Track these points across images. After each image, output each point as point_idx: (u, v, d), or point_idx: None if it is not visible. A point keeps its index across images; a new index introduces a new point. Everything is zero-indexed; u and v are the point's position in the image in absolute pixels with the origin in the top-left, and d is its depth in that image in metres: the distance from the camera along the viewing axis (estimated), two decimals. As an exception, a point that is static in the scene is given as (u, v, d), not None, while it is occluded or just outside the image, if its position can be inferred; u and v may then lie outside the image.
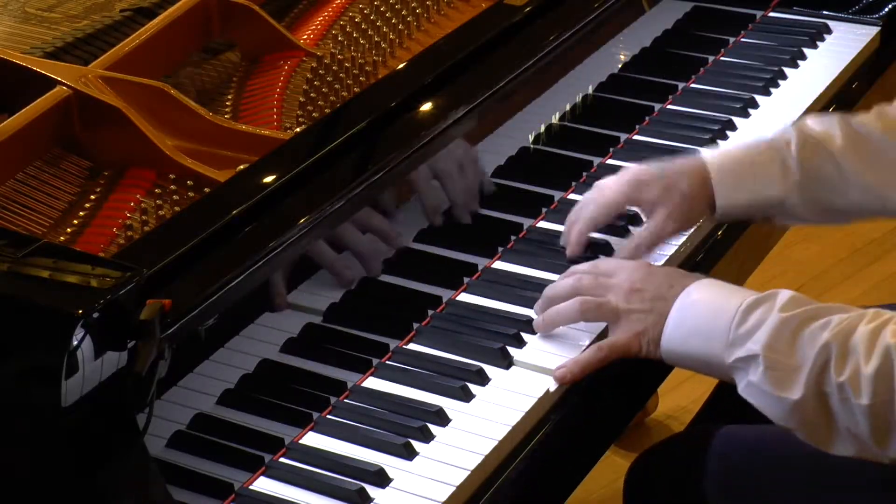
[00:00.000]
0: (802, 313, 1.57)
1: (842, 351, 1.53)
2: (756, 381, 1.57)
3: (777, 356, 1.56)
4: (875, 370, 1.50)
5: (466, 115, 1.90)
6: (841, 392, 1.52)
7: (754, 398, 1.59)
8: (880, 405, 1.51)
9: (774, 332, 1.56)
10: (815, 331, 1.55)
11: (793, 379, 1.55)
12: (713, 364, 1.62)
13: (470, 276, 1.85)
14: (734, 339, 1.59)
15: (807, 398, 1.54)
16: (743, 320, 1.59)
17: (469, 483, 1.54)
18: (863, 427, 1.52)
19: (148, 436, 1.45)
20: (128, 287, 1.41)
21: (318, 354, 1.70)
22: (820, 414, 1.55)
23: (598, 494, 2.72)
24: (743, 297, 1.61)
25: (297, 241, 1.66)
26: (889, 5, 2.43)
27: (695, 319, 1.63)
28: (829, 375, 1.53)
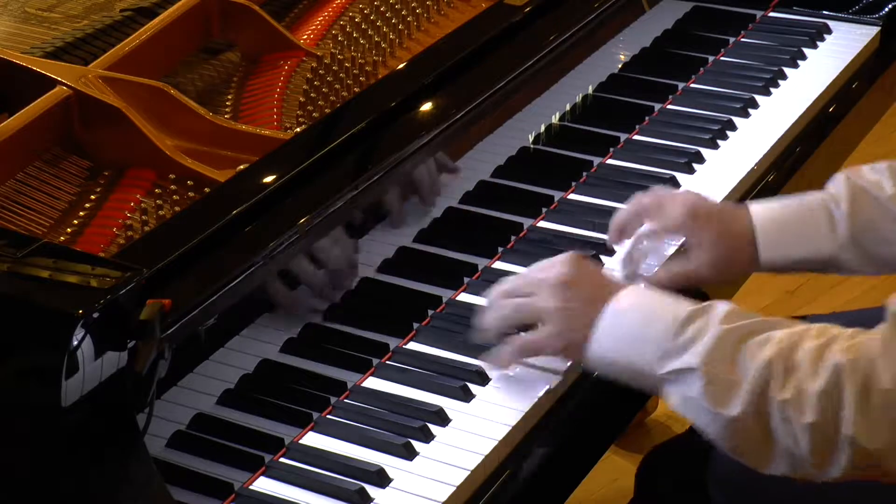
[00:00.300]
0: (743, 327, 1.52)
1: (785, 368, 1.48)
2: (694, 395, 1.51)
3: (716, 370, 1.50)
4: (821, 388, 1.46)
5: (466, 116, 1.90)
6: (782, 411, 1.47)
7: (690, 412, 1.54)
8: (824, 424, 1.46)
9: (714, 346, 1.51)
10: (756, 346, 1.50)
11: (732, 394, 1.49)
12: (643, 374, 1.56)
13: (470, 276, 1.85)
14: (669, 350, 1.54)
15: (745, 415, 1.49)
16: (680, 331, 1.54)
17: (469, 483, 1.54)
18: (803, 446, 1.48)
19: (148, 436, 1.45)
20: (128, 287, 1.41)
21: (318, 354, 1.70)
22: (757, 432, 1.49)
23: (598, 494, 2.71)
24: (678, 306, 1.56)
25: (297, 241, 1.66)
26: (889, 5, 2.43)
27: (627, 327, 1.58)
28: (771, 393, 1.48)
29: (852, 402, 1.45)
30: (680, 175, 2.05)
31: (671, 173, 2.05)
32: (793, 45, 2.38)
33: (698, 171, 2.08)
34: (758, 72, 2.31)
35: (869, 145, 2.58)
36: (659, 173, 2.05)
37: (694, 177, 2.07)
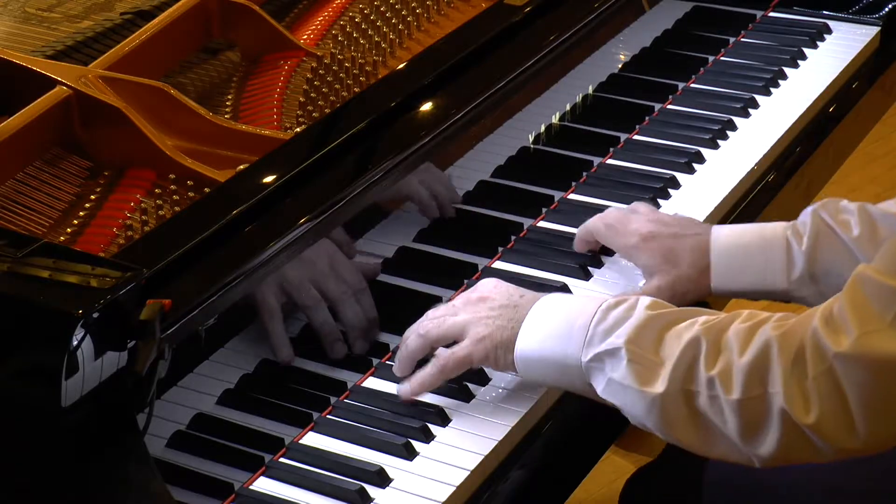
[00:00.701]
0: (669, 314, 1.52)
1: (713, 346, 1.46)
2: (617, 376, 1.50)
3: (641, 350, 1.49)
4: (749, 362, 1.44)
5: (466, 115, 1.90)
6: (710, 388, 1.45)
7: (614, 396, 1.52)
8: (751, 400, 1.44)
9: (639, 328, 1.50)
10: (682, 329, 1.49)
11: (656, 373, 1.48)
12: (569, 367, 1.55)
13: (470, 276, 1.85)
14: (592, 336, 1.53)
15: (669, 393, 1.47)
16: (603, 318, 1.53)
17: (469, 483, 1.54)
18: (731, 424, 1.45)
19: (148, 436, 1.45)
20: (128, 287, 1.41)
21: (318, 354, 1.70)
22: (685, 411, 1.47)
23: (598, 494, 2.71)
24: (599, 300, 1.56)
25: (296, 241, 1.66)
26: (889, 5, 2.43)
27: (551, 322, 1.57)
28: (699, 371, 1.46)
29: (783, 374, 1.42)
30: (680, 175, 2.05)
31: (671, 173, 2.05)
32: (793, 45, 2.38)
33: (698, 171, 2.08)
34: (758, 72, 2.31)
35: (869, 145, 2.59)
36: (659, 173, 2.05)
37: (694, 177, 2.06)
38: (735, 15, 2.49)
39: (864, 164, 3.85)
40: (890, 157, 4.01)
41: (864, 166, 3.84)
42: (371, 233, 1.84)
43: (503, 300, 1.62)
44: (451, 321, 1.63)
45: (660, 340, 1.49)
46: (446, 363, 1.62)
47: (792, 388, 1.42)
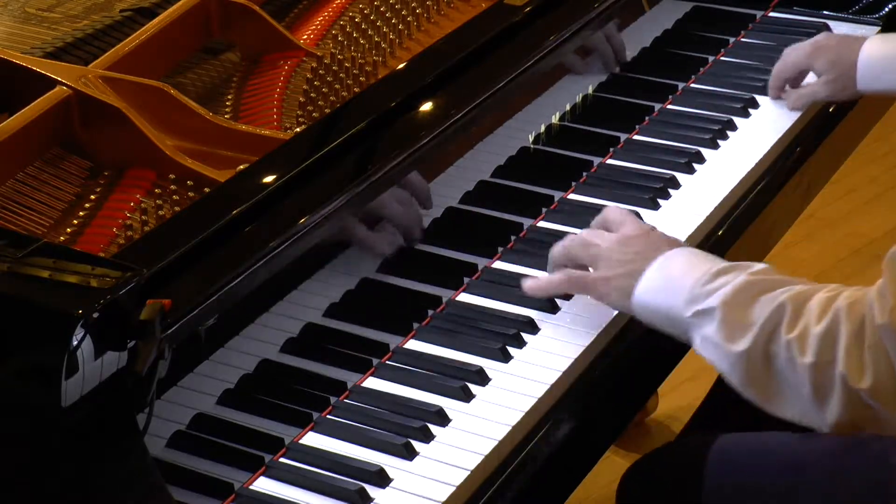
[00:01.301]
0: (767, 280, 1.62)
1: (796, 311, 1.57)
2: (710, 333, 1.62)
3: (733, 312, 1.60)
4: (823, 329, 1.54)
5: (466, 115, 1.90)
6: (788, 350, 1.56)
7: (707, 352, 1.64)
8: (823, 365, 1.54)
9: (735, 291, 1.61)
10: (774, 295, 1.60)
11: (743, 333, 1.59)
12: (675, 319, 1.66)
13: (470, 276, 1.85)
14: (697, 294, 1.64)
15: (753, 351, 1.58)
16: (710, 280, 1.64)
17: (469, 483, 1.54)
18: (805, 386, 1.56)
19: (148, 436, 1.45)
20: (128, 287, 1.41)
21: (318, 354, 1.70)
22: (764, 370, 1.59)
23: (598, 494, 2.71)
24: (716, 262, 1.68)
25: (296, 241, 1.66)
26: (889, 5, 2.43)
27: (667, 277, 1.69)
28: (780, 333, 1.57)
29: (846, 341, 1.53)
30: (680, 175, 2.05)
31: (671, 173, 2.05)
32: (793, 46, 2.38)
33: (698, 171, 2.08)
34: (758, 72, 2.31)
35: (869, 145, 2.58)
36: (659, 173, 2.05)
37: (694, 177, 2.06)
38: (735, 15, 2.49)
39: (864, 164, 3.84)
40: (890, 157, 4.01)
41: (864, 166, 3.83)
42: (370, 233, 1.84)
43: (640, 247, 1.74)
44: (593, 252, 1.76)
45: (752, 303, 1.60)
46: (570, 280, 1.77)
47: (851, 355, 1.53)
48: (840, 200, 3.78)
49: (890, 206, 3.80)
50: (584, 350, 1.73)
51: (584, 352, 1.73)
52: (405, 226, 1.87)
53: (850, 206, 3.80)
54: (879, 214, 3.76)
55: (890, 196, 3.85)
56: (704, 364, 1.67)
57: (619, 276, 1.73)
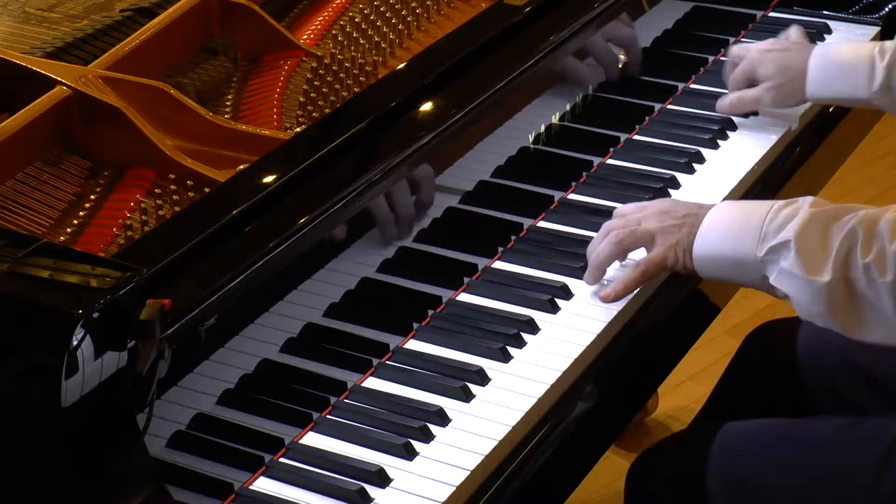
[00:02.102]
0: (830, 210, 1.67)
1: (868, 235, 1.62)
2: (787, 266, 1.65)
3: (808, 243, 1.64)
4: None
5: (466, 115, 1.90)
6: (867, 273, 1.60)
7: (786, 285, 1.66)
8: None
9: (806, 223, 1.65)
10: (843, 223, 1.64)
11: (822, 263, 1.63)
12: (746, 262, 1.69)
13: (470, 276, 1.85)
14: (766, 233, 1.68)
15: (835, 281, 1.62)
16: (774, 217, 1.68)
17: (469, 483, 1.54)
18: (888, 304, 1.60)
19: (148, 436, 1.45)
20: (128, 287, 1.41)
21: (318, 354, 1.70)
22: (847, 297, 1.62)
23: (598, 494, 2.72)
24: (769, 203, 1.71)
25: (296, 241, 1.66)
26: (889, 5, 2.43)
27: (727, 225, 1.73)
28: (856, 258, 1.61)
29: None
30: (680, 175, 2.05)
31: (671, 173, 2.05)
32: (793, 45, 2.38)
33: (698, 171, 2.08)
34: (758, 72, 2.31)
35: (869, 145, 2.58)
36: (659, 173, 2.05)
37: (694, 177, 2.07)
38: (735, 15, 2.49)
39: (864, 164, 3.84)
40: (890, 157, 4.01)
41: (864, 166, 3.83)
42: (371, 232, 1.84)
43: (685, 210, 1.78)
44: (643, 229, 1.79)
45: (825, 233, 1.65)
46: (647, 268, 1.78)
47: None
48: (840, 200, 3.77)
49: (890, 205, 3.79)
50: (583, 350, 1.73)
51: (584, 352, 1.73)
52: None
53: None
54: (879, 214, 3.75)
55: (890, 196, 3.85)
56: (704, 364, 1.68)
57: (684, 238, 1.76)
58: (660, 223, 1.78)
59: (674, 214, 1.78)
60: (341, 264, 1.79)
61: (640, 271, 1.78)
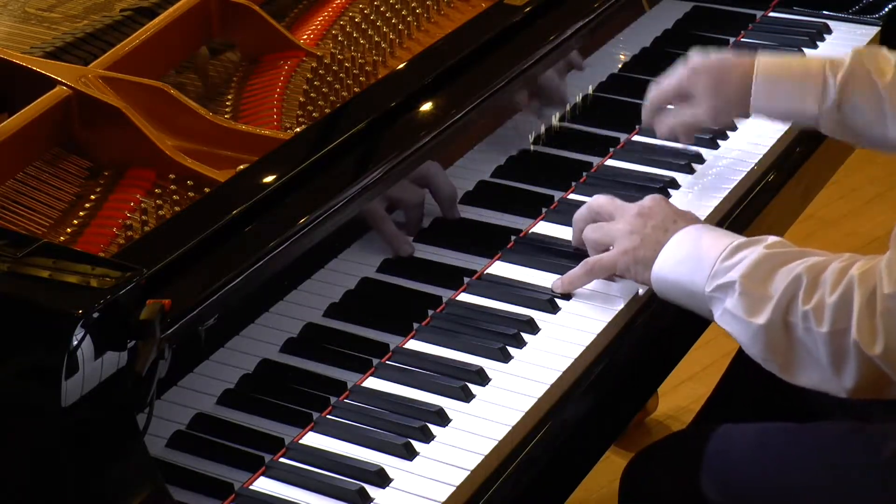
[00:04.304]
0: (784, 252, 1.66)
1: (812, 283, 1.60)
2: (730, 307, 1.65)
3: (752, 284, 1.64)
4: (837, 298, 1.58)
5: (466, 115, 1.90)
6: (805, 320, 1.60)
7: (727, 324, 1.67)
8: (838, 333, 1.58)
9: (754, 264, 1.65)
10: (791, 267, 1.63)
11: (763, 306, 1.63)
12: (696, 294, 1.70)
13: (470, 276, 1.85)
14: (717, 270, 1.67)
15: (773, 323, 1.62)
16: (730, 256, 1.67)
17: (469, 483, 1.54)
18: (822, 354, 1.60)
19: (148, 436, 1.45)
20: (128, 287, 1.41)
21: (318, 354, 1.70)
22: (784, 341, 1.62)
23: (598, 494, 2.72)
24: (733, 238, 1.71)
25: (296, 241, 1.66)
26: (889, 5, 2.43)
27: (687, 251, 1.72)
28: (797, 304, 1.60)
29: (858, 309, 1.57)
30: (680, 175, 2.05)
31: (671, 174, 2.05)
32: (793, 45, 2.38)
33: (698, 171, 2.08)
34: (758, 72, 2.31)
35: (869, 145, 2.58)
36: (659, 174, 2.05)
37: (694, 177, 2.06)
38: (735, 15, 2.49)
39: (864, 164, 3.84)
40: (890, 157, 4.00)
41: (864, 166, 3.83)
42: (371, 232, 1.84)
43: (658, 221, 1.78)
44: (607, 228, 1.80)
45: (771, 276, 1.64)
46: (593, 267, 1.79)
47: (863, 322, 1.57)
48: (840, 200, 3.78)
49: (890, 206, 3.80)
50: (583, 350, 1.73)
51: (584, 352, 1.73)
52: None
53: (850, 206, 3.80)
54: (879, 214, 3.76)
55: (890, 196, 3.85)
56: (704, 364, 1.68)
57: (639, 248, 1.76)
58: (629, 225, 1.78)
59: (646, 222, 1.78)
60: (341, 264, 1.79)
61: (587, 269, 1.80)
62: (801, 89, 1.95)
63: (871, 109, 1.92)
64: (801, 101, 1.95)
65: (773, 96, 1.96)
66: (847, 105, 1.92)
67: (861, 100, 1.92)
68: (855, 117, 1.93)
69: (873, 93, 1.91)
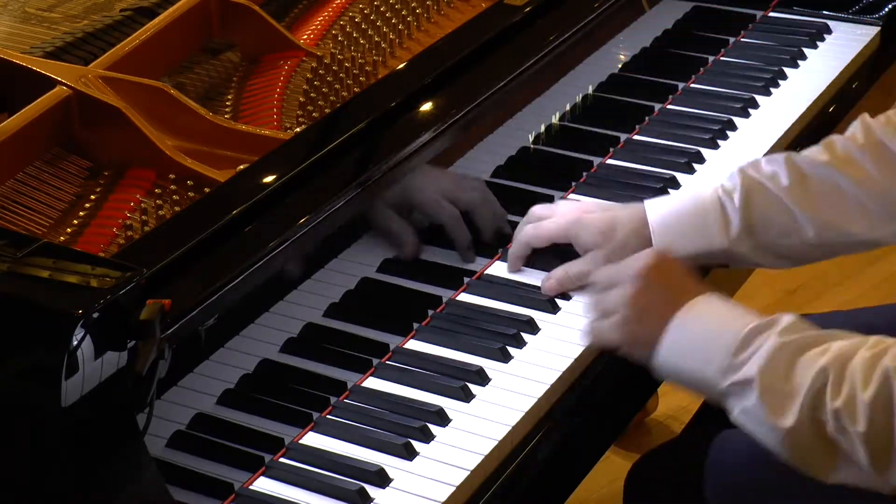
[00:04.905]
0: (801, 339, 1.53)
1: (838, 376, 1.48)
2: (750, 406, 1.53)
3: (772, 381, 1.52)
4: (873, 396, 1.46)
5: (466, 115, 1.90)
6: (836, 419, 1.48)
7: (748, 425, 1.56)
8: (878, 432, 1.46)
9: (771, 357, 1.53)
10: (813, 357, 1.51)
11: (787, 405, 1.50)
12: (707, 386, 1.58)
13: (470, 276, 1.85)
14: (731, 365, 1.55)
15: (801, 424, 1.50)
16: (742, 347, 1.55)
17: (469, 483, 1.54)
18: (861, 455, 1.48)
19: (148, 436, 1.45)
20: (128, 287, 1.41)
21: (318, 354, 1.70)
22: (816, 441, 1.50)
23: (598, 494, 2.72)
24: (745, 321, 1.57)
25: (296, 241, 1.66)
26: (889, 5, 2.43)
27: (693, 341, 1.60)
28: (825, 401, 1.48)
29: None
30: (680, 175, 2.05)
31: (671, 173, 2.05)
32: (793, 45, 2.38)
33: (698, 171, 2.08)
34: (758, 72, 2.31)
35: (869, 145, 2.58)
36: (659, 173, 2.05)
37: (693, 177, 2.07)
38: (735, 15, 2.49)
39: (864, 164, 3.84)
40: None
41: (864, 166, 3.83)
42: (371, 232, 1.84)
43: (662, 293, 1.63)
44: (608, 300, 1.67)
45: (791, 368, 1.51)
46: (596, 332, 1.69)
47: None
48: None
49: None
50: (583, 350, 1.72)
51: (584, 352, 1.73)
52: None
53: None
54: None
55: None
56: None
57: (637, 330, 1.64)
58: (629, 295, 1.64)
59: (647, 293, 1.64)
60: (341, 264, 1.79)
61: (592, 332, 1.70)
62: (701, 226, 1.80)
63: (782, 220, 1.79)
64: (703, 238, 1.80)
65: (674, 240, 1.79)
66: (760, 227, 1.80)
67: (769, 215, 1.79)
68: (769, 233, 1.80)
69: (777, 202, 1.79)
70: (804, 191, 1.80)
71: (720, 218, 1.79)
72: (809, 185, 1.80)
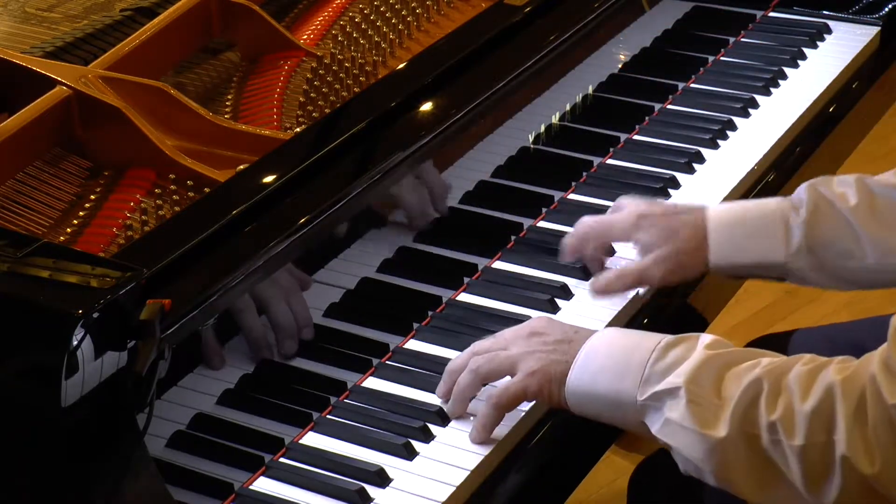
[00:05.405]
0: (728, 354, 1.48)
1: (774, 389, 1.42)
2: (675, 417, 1.46)
3: (700, 390, 1.45)
4: (813, 408, 1.40)
5: (466, 115, 1.90)
6: (772, 432, 1.41)
7: (671, 437, 1.48)
8: (815, 446, 1.40)
9: (698, 367, 1.46)
10: (744, 369, 1.45)
11: (717, 416, 1.44)
12: (624, 404, 1.51)
13: (470, 276, 1.85)
14: (649, 375, 1.49)
15: (732, 437, 1.43)
16: (661, 357, 1.50)
17: (469, 483, 1.54)
18: (794, 470, 1.41)
19: (148, 436, 1.45)
20: (128, 287, 1.41)
21: (318, 354, 1.70)
22: (747, 454, 1.43)
23: (598, 494, 2.71)
24: (657, 337, 1.52)
25: (296, 241, 1.66)
26: (889, 5, 2.43)
27: (606, 358, 1.53)
28: (759, 413, 1.42)
29: (846, 421, 1.39)
30: (680, 175, 2.05)
31: (671, 173, 2.05)
32: (793, 45, 2.38)
33: (698, 171, 2.08)
34: (758, 72, 2.31)
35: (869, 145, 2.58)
36: (659, 173, 2.06)
37: (694, 177, 2.07)
38: (735, 15, 2.49)
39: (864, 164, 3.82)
40: (890, 157, 4.01)
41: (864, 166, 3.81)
42: (371, 232, 1.84)
43: (558, 335, 1.59)
44: (504, 355, 1.59)
45: (720, 380, 1.45)
46: (499, 400, 1.57)
47: (854, 436, 1.38)
48: (840, 200, 3.77)
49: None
50: (584, 350, 1.72)
51: (584, 352, 1.72)
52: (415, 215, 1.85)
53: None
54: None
55: (890, 196, 3.84)
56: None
57: (548, 365, 1.56)
58: (525, 348, 1.57)
59: (544, 339, 1.58)
60: (341, 264, 1.79)
61: (493, 405, 1.56)
62: (763, 237, 1.76)
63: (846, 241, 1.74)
64: (764, 250, 1.75)
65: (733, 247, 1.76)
66: (822, 245, 1.74)
67: (833, 235, 1.74)
68: (831, 253, 1.74)
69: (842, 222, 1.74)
70: (871, 211, 1.75)
71: (783, 230, 1.75)
72: (876, 206, 1.75)
